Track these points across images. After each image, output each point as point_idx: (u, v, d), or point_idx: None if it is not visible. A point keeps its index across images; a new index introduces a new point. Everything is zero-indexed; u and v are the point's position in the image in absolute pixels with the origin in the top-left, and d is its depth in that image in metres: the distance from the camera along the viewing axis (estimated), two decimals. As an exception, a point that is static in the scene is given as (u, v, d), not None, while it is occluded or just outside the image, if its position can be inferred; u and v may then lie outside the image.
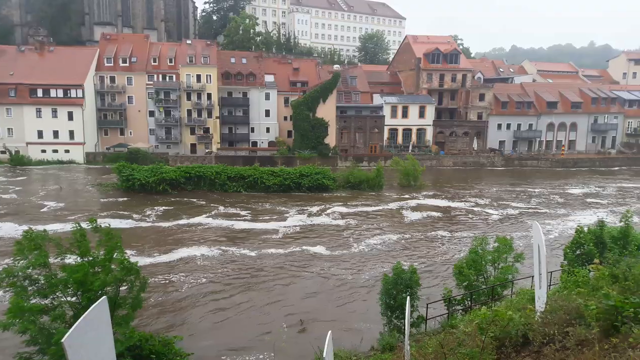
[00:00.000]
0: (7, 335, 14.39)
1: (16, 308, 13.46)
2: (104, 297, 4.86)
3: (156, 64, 72.99)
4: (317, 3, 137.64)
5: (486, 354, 5.73)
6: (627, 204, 49.64)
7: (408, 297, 13.88)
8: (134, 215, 41.14)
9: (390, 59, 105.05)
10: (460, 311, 19.02)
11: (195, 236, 35.76)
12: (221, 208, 44.48)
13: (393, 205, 47.29)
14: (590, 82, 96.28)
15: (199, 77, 72.36)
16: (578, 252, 19.55)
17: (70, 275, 14.19)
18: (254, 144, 74.73)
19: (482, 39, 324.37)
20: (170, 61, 73.23)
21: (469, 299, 19.27)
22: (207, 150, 71.74)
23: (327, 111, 70.84)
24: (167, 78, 72.61)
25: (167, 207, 44.48)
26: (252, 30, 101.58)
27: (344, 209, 44.91)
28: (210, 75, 72.58)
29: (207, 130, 73.33)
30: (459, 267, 20.56)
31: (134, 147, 67.35)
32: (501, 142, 78.62)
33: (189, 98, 72.69)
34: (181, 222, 39.52)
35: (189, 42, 79.86)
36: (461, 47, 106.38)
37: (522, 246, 31.69)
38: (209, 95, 72.81)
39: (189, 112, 72.89)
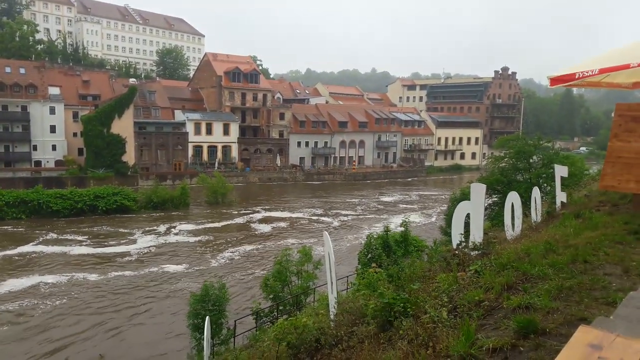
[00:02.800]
0: None
1: None
2: None
3: None
4: (109, 14, 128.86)
5: (281, 363, 5.90)
6: (432, 206, 58.24)
7: (207, 318, 13.71)
8: None
9: (191, 75, 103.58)
10: (268, 323, 19.42)
11: (32, 265, 32.68)
12: (52, 234, 40.58)
13: (240, 220, 48.78)
14: (373, 104, 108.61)
15: (-39, 88, 61.18)
16: (369, 255, 21.51)
17: None
18: (38, 163, 65.74)
19: (280, 61, 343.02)
20: None
21: (276, 310, 19.80)
22: (-25, 173, 60.67)
23: (123, 127, 66.18)
24: None
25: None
26: (31, 38, 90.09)
27: (192, 226, 45.08)
28: (-23, 85, 61.92)
29: (-26, 149, 62.17)
30: (266, 279, 21.05)
31: None
32: (301, 159, 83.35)
33: (-52, 111, 60.86)
34: (7, 252, 35.22)
35: (-54, 44, 67.27)
36: (260, 67, 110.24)
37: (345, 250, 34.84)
38: (-23, 109, 62.01)
39: (-51, 128, 60.98)
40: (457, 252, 7.30)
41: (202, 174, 63.63)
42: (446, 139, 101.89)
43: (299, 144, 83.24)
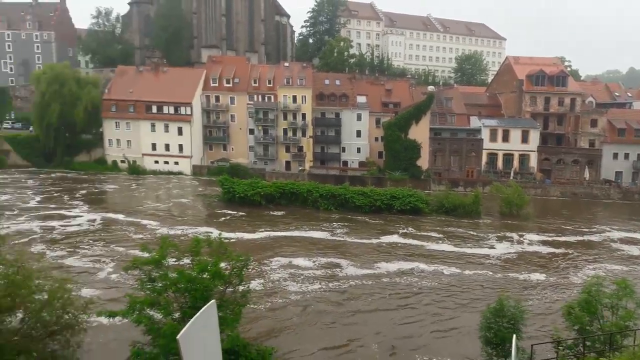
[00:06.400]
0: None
1: (132, 301, 16.83)
2: (213, 300, 5.46)
3: (256, 85, 75.84)
4: (412, 25, 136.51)
5: None
6: None
7: (514, 337, 12.45)
8: (322, 231, 43.27)
9: (489, 80, 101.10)
10: (572, 357, 17.06)
11: (410, 253, 37.53)
12: (411, 229, 44.97)
13: (595, 238, 45.34)
14: None
15: (294, 98, 74.17)
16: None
17: (182, 278, 16.86)
18: (345, 163, 74.89)
19: (593, 60, 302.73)
20: (269, 82, 75.69)
21: (582, 344, 17.21)
22: (300, 168, 73.15)
23: (419, 132, 69.04)
24: (266, 98, 75.17)
25: (345, 224, 45.66)
26: (346, 53, 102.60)
27: (538, 237, 44.17)
28: (305, 96, 74.12)
29: (300, 148, 74.99)
30: (569, 307, 18.54)
31: (235, 163, 71.46)
32: (618, 173, 71.42)
33: (285, 118, 74.77)
34: (380, 239, 40.91)
35: (286, 64, 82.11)
36: (569, 69, 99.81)
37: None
38: (304, 116, 74.44)
39: (285, 131, 74.96)
40: None
41: (495, 183, 61.09)
42: None
43: (615, 155, 71.53)
